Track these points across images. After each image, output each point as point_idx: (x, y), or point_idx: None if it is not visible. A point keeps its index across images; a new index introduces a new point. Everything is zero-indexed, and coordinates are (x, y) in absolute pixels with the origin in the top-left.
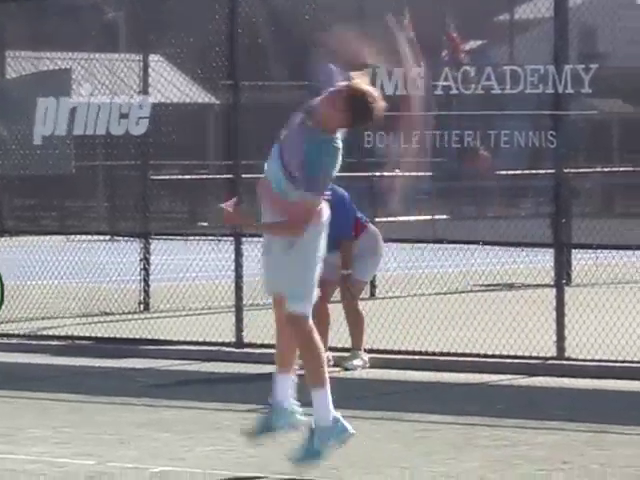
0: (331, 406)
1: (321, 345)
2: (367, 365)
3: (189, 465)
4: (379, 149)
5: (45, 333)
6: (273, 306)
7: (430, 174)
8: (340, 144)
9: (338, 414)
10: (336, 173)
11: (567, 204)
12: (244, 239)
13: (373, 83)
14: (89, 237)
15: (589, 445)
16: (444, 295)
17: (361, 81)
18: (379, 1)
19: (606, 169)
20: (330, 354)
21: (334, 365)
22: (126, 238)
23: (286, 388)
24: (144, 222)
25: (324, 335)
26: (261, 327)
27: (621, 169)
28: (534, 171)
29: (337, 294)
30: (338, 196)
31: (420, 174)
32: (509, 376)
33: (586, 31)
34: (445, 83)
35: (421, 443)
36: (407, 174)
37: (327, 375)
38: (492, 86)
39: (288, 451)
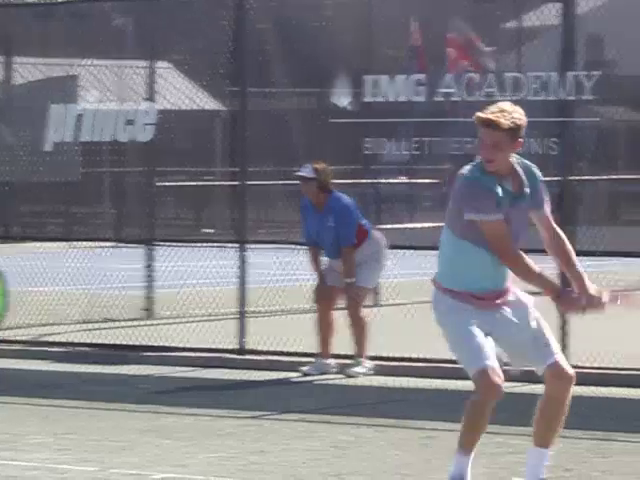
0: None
1: None
2: (370, 372)
3: (191, 472)
4: (382, 156)
5: (48, 339)
6: (498, 389)
7: (436, 181)
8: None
9: None
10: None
11: (572, 211)
12: (248, 246)
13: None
14: (93, 243)
15: (592, 453)
16: None
17: None
18: (386, 9)
19: (611, 177)
20: (333, 361)
21: (337, 372)
22: (130, 244)
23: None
24: (149, 228)
25: (328, 342)
26: (264, 334)
27: (626, 177)
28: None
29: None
30: (342, 204)
31: (426, 181)
32: (513, 383)
33: (592, 39)
34: (448, 90)
35: (425, 450)
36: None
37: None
38: (494, 93)
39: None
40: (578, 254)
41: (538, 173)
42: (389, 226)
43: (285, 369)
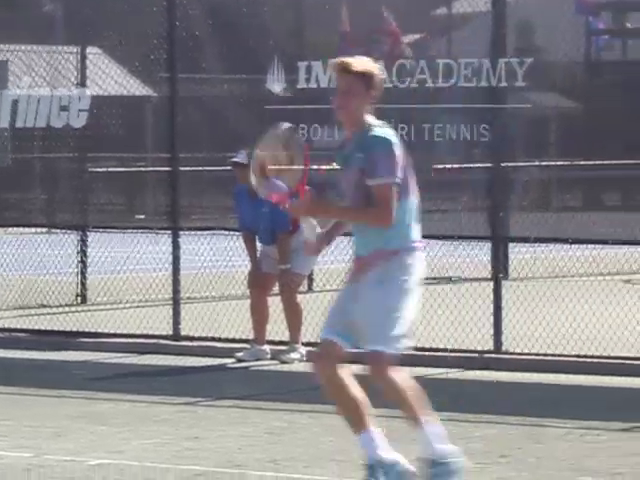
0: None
1: (411, 385)
2: (304, 358)
3: (127, 458)
4: (315, 142)
5: None
6: (323, 363)
7: None
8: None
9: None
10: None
11: (504, 197)
12: (181, 232)
13: (308, 78)
14: (27, 229)
15: (526, 438)
16: None
17: None
18: None
19: (543, 163)
20: (268, 347)
21: (271, 358)
22: (64, 230)
23: (376, 444)
24: (82, 214)
25: (263, 328)
26: (198, 320)
27: (558, 163)
28: (471, 165)
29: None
30: None
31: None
32: (446, 369)
33: (522, 25)
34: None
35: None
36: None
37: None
38: (426, 80)
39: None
40: (511, 241)
41: (380, 140)
42: None
43: (220, 355)
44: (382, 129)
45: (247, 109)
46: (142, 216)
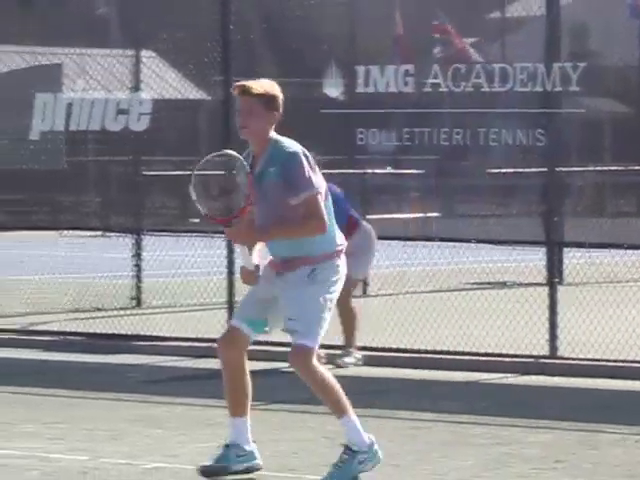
0: (362, 430)
1: (330, 375)
2: (359, 363)
3: (182, 462)
4: (371, 146)
5: (36, 328)
6: (225, 346)
7: (421, 172)
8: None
9: (372, 437)
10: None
11: (559, 202)
12: None
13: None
14: (82, 233)
15: (582, 444)
16: (436, 293)
17: None
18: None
19: (598, 168)
20: (323, 351)
21: (326, 362)
22: (118, 234)
23: (245, 431)
24: (136, 218)
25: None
26: None
27: (613, 168)
28: (526, 169)
29: None
30: (331, 195)
31: (412, 172)
32: (501, 374)
33: (577, 29)
34: (435, 80)
35: (413, 441)
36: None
37: (347, 401)
38: (481, 84)
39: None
40: (566, 246)
41: (289, 156)
42: (377, 216)
43: (275, 359)
44: (288, 142)
45: (301, 113)
46: (196, 220)
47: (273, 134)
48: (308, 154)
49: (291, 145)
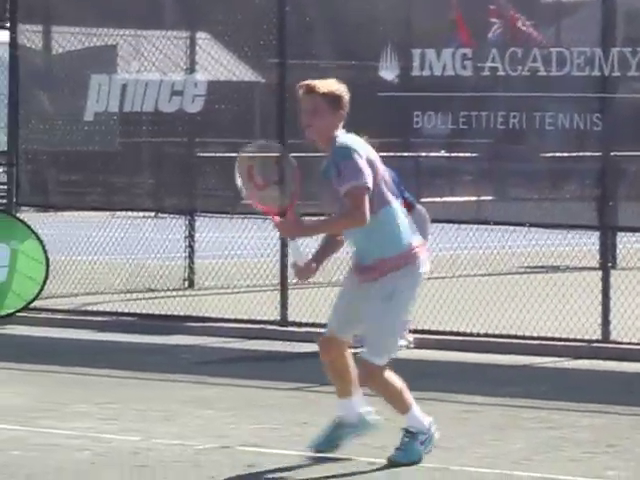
0: (420, 413)
1: (396, 379)
2: (411, 345)
3: (234, 443)
4: (426, 129)
5: (89, 309)
6: (324, 351)
7: (476, 155)
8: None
9: (430, 419)
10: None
11: (613, 187)
12: None
13: (422, 65)
14: (134, 214)
15: (634, 428)
16: (489, 276)
17: None
18: None
19: None
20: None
21: None
22: (171, 215)
23: (359, 405)
24: (189, 199)
25: None
26: (306, 306)
27: None
28: (580, 153)
29: None
30: None
31: (466, 155)
32: (554, 358)
33: (633, 13)
34: (492, 64)
35: (465, 424)
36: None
37: (410, 396)
38: (538, 68)
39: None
40: (620, 230)
41: (340, 151)
42: (430, 199)
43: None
44: (344, 138)
45: (357, 96)
46: (249, 201)
47: (339, 132)
48: (366, 149)
49: (346, 139)
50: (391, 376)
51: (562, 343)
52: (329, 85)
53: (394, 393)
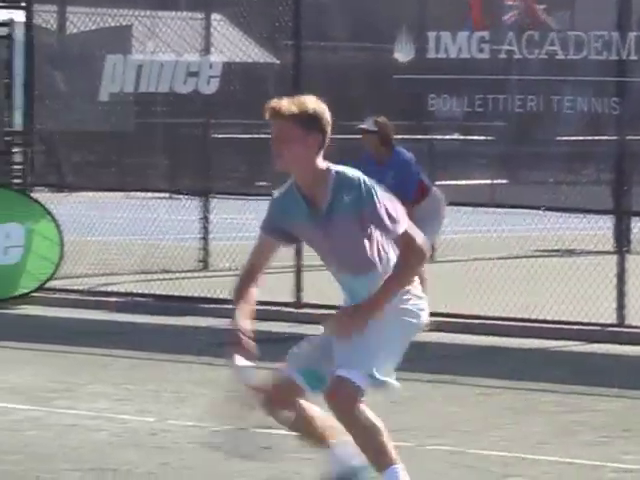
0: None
1: (376, 419)
2: (426, 328)
3: (249, 424)
4: (441, 112)
5: (104, 289)
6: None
7: (491, 138)
8: None
9: None
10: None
11: (629, 171)
12: None
13: (437, 47)
14: (149, 194)
15: None
16: (504, 260)
17: None
18: None
19: None
20: None
21: None
22: (186, 196)
23: (347, 454)
24: (204, 180)
25: None
26: (320, 288)
27: None
28: (597, 137)
29: None
30: (404, 159)
31: (481, 138)
32: (569, 342)
33: None
34: (509, 47)
35: (481, 407)
36: None
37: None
38: (556, 51)
39: None
40: (635, 214)
41: (356, 184)
42: (445, 182)
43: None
44: (350, 171)
45: (372, 77)
46: (263, 183)
47: (325, 163)
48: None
49: (355, 173)
50: (370, 412)
51: (577, 327)
52: (301, 104)
53: (375, 434)
